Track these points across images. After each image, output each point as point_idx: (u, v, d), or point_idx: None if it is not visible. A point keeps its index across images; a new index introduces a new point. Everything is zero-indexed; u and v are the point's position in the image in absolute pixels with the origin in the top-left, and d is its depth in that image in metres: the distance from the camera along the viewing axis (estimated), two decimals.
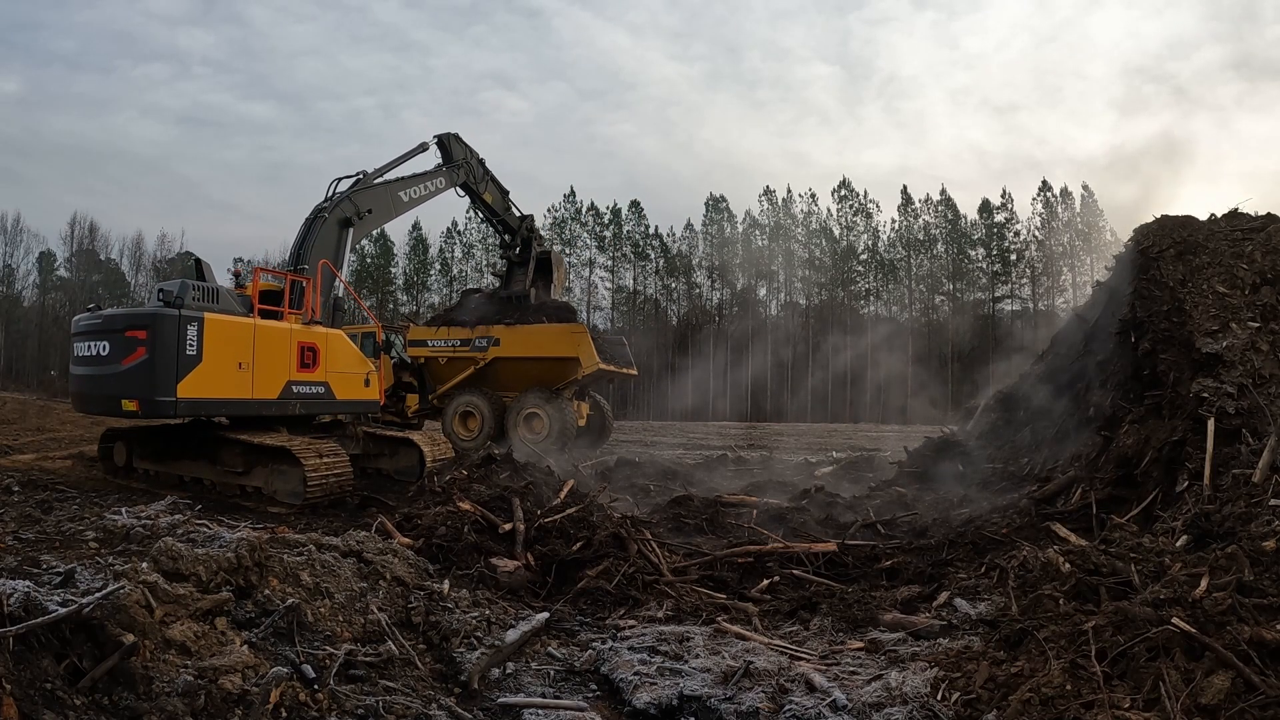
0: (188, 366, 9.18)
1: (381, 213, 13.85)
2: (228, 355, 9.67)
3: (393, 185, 14.14)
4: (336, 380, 11.24)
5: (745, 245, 72.56)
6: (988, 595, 5.73)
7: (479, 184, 16.59)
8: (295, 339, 10.64)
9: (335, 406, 11.47)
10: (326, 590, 4.65)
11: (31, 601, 3.11)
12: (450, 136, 15.97)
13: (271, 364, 10.23)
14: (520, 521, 7.23)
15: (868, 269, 72.04)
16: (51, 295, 77.25)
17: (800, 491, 10.62)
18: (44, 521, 7.91)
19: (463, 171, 16.03)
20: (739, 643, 4.91)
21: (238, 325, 9.91)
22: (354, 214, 12.90)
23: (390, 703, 3.73)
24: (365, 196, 13.25)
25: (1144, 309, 8.06)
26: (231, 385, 9.74)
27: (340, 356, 11.38)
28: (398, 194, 14.20)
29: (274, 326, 10.51)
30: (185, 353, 9.17)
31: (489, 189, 16.96)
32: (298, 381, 10.58)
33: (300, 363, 10.62)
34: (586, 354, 16.20)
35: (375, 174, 13.83)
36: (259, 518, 9.22)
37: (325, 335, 11.18)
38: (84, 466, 12.19)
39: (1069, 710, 3.37)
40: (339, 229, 12.63)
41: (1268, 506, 5.03)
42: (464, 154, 16.11)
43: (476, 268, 74.43)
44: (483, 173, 16.69)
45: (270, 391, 10.24)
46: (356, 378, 11.59)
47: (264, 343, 10.14)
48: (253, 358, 9.93)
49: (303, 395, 10.68)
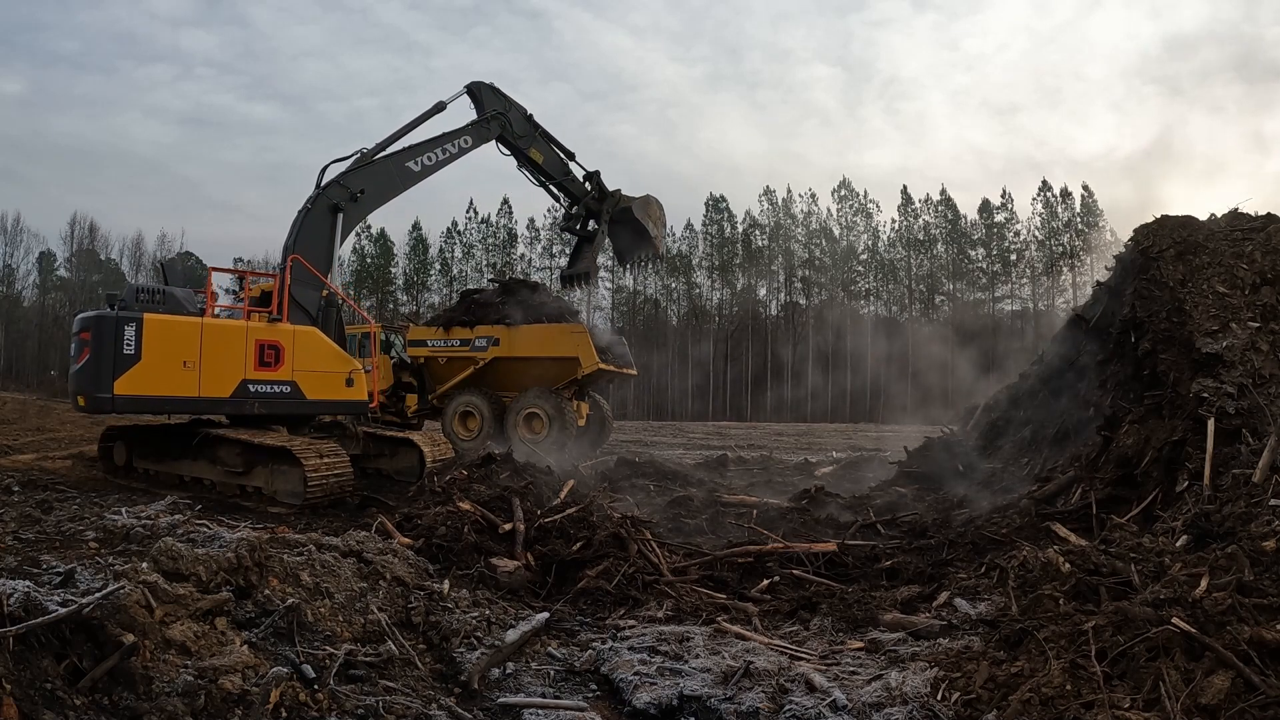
0: (125, 365, 9.56)
1: (382, 190, 12.54)
2: (169, 354, 9.85)
3: (399, 155, 12.68)
4: (306, 379, 10.77)
5: (745, 245, 72.52)
6: (988, 595, 5.72)
7: (521, 139, 14.38)
8: (253, 337, 10.41)
9: (305, 406, 10.94)
10: (326, 590, 4.65)
11: (31, 601, 3.11)
12: (483, 86, 14.01)
13: (222, 363, 10.15)
14: (520, 521, 7.23)
15: (868, 269, 72.06)
16: (51, 295, 77.31)
17: (800, 491, 10.62)
18: (44, 521, 7.90)
19: (496, 124, 13.93)
20: (739, 643, 4.90)
21: (181, 325, 10.04)
22: (345, 198, 11.81)
23: (390, 703, 3.73)
24: (358, 176, 12.07)
25: (1144, 309, 8.06)
26: (174, 383, 9.88)
27: (311, 355, 10.86)
28: (405, 165, 12.70)
29: (226, 325, 10.52)
30: (123, 352, 9.55)
31: (537, 146, 14.69)
32: (255, 380, 10.34)
33: (259, 361, 10.39)
34: (586, 354, 16.18)
35: (378, 148, 12.51)
36: (259, 518, 9.22)
37: (292, 333, 10.76)
38: (84, 466, 12.18)
39: (1069, 710, 3.37)
40: (327, 217, 11.68)
41: (1268, 506, 5.03)
42: (500, 105, 14.01)
43: (476, 268, 74.48)
44: (528, 127, 14.53)
45: (221, 390, 10.15)
46: (335, 377, 11.02)
47: (213, 341, 10.15)
48: (199, 356, 10.00)
49: (262, 394, 10.39)
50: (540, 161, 14.69)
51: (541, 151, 14.71)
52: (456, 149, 13.29)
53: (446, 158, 13.18)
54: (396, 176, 12.61)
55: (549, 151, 14.89)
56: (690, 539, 7.90)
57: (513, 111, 14.16)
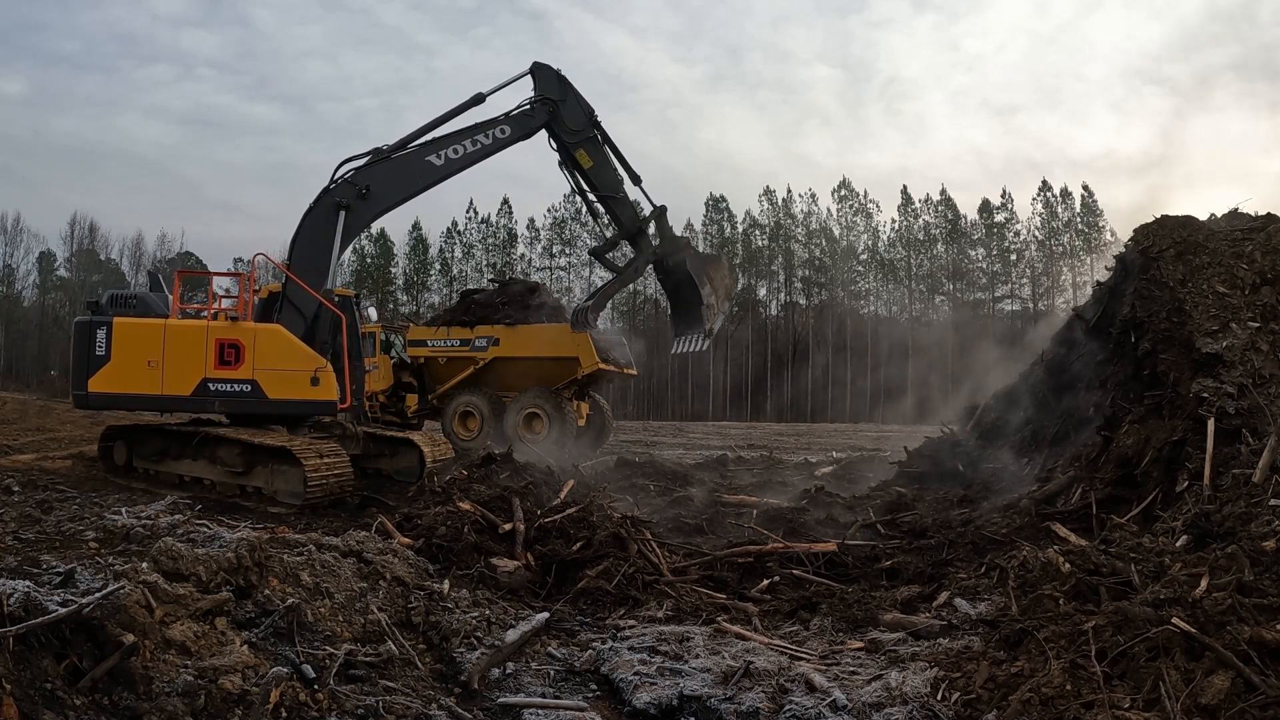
0: (97, 365, 10.40)
1: (395, 187, 11.39)
2: (135, 354, 10.40)
3: (419, 149, 11.43)
4: (267, 378, 10.51)
5: (745, 245, 72.52)
6: (988, 595, 5.72)
7: (572, 137, 12.28)
8: (213, 336, 10.46)
9: (266, 406, 10.64)
10: (326, 590, 4.65)
11: (31, 601, 3.11)
12: (546, 68, 12.16)
13: (183, 362, 10.38)
14: (520, 521, 7.23)
15: (868, 269, 72.05)
16: (51, 295, 77.29)
17: (800, 491, 10.61)
18: (44, 521, 7.91)
19: (543, 111, 12.01)
20: (739, 643, 4.90)
21: (146, 326, 10.56)
22: (351, 196, 10.97)
23: (390, 703, 3.73)
24: (369, 173, 11.15)
25: (1144, 309, 8.05)
26: (140, 382, 10.41)
27: (273, 353, 10.57)
28: (425, 159, 11.40)
29: (187, 325, 10.77)
30: (95, 353, 10.40)
31: (589, 151, 12.46)
32: (216, 379, 10.40)
33: (219, 360, 10.40)
34: (586, 354, 16.18)
35: (400, 143, 11.42)
36: (259, 518, 9.22)
37: (253, 331, 10.65)
38: (84, 466, 12.17)
39: (1069, 710, 3.37)
40: (330, 215, 11.04)
41: (1268, 506, 5.03)
42: (557, 93, 12.13)
43: (476, 268, 74.49)
44: (586, 126, 12.35)
45: (182, 388, 10.41)
46: (299, 375, 10.55)
47: (174, 341, 10.49)
48: (162, 356, 10.40)
49: (222, 393, 10.44)
50: (586, 168, 12.56)
51: (593, 158, 12.55)
52: (491, 140, 11.62)
53: (478, 150, 11.57)
54: (414, 172, 11.41)
55: (603, 162, 12.66)
56: (690, 539, 7.91)
57: (570, 103, 12.21)
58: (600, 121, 12.52)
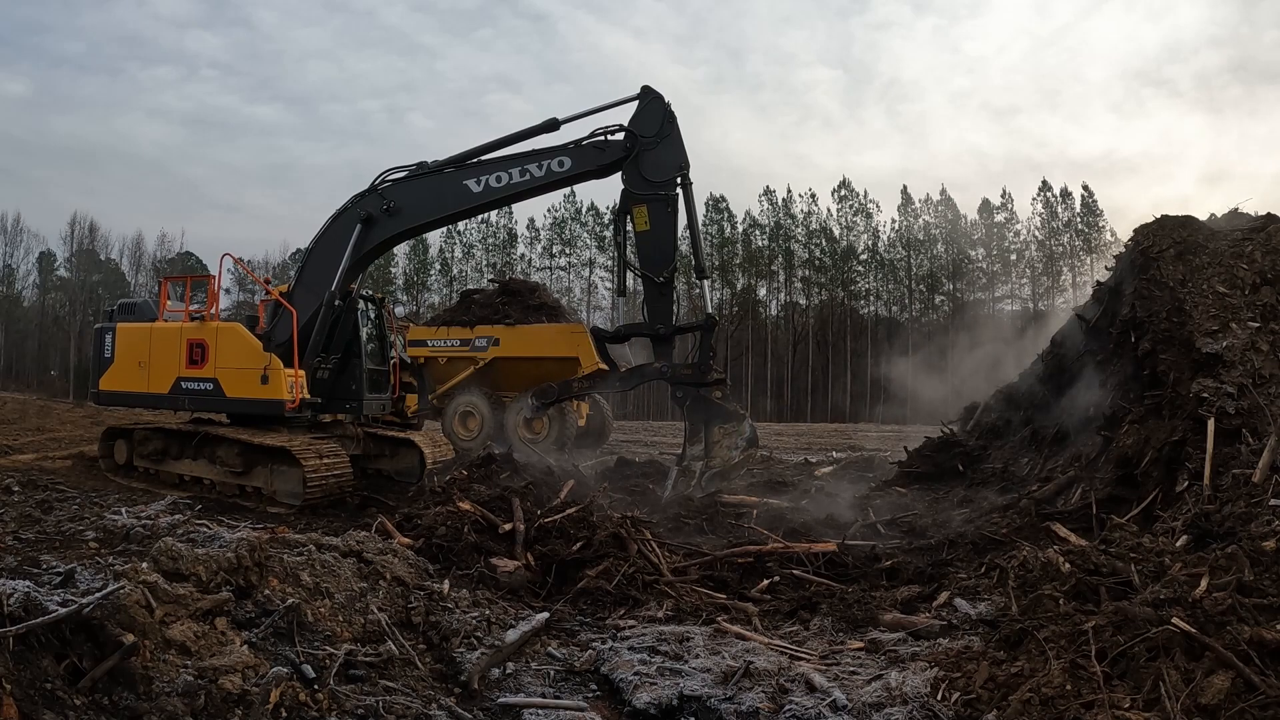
0: (104, 367, 11.52)
1: (424, 208, 10.49)
2: (131, 356, 11.34)
3: (465, 170, 10.23)
4: (226, 376, 10.60)
5: (745, 245, 72.49)
6: (988, 595, 5.73)
7: (641, 187, 9.97)
8: (184, 337, 10.91)
9: (226, 404, 10.75)
10: (326, 590, 4.65)
11: (31, 601, 3.11)
12: (656, 100, 9.98)
13: (163, 362, 11.07)
14: (520, 521, 7.23)
15: (868, 269, 72.01)
16: (51, 295, 77.27)
17: (800, 491, 10.61)
18: (44, 521, 7.91)
19: (617, 149, 9.93)
20: (739, 643, 4.90)
21: (138, 330, 11.45)
22: (377, 210, 10.32)
23: (390, 703, 3.73)
24: (400, 188, 10.37)
25: (1144, 309, 8.06)
26: (134, 381, 11.29)
27: (230, 352, 10.62)
28: (463, 183, 10.17)
29: (167, 327, 11.29)
30: (103, 355, 11.52)
31: (652, 212, 10.00)
32: (187, 378, 10.86)
33: (189, 360, 10.84)
34: (586, 354, 16.18)
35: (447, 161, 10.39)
36: (259, 518, 9.23)
37: (215, 330, 10.83)
38: (84, 466, 12.20)
39: (1069, 710, 3.37)
40: (350, 225, 10.56)
41: (1268, 506, 5.03)
42: (651, 128, 9.92)
43: (476, 268, 74.42)
44: (670, 173, 9.92)
45: (161, 387, 11.03)
46: (250, 374, 10.41)
47: (158, 343, 11.20)
48: (149, 357, 11.19)
49: (191, 392, 10.87)
50: (639, 230, 10.11)
51: (653, 221, 10.05)
52: (544, 173, 10.00)
53: (526, 181, 10.05)
54: (447, 195, 10.36)
55: (664, 230, 10.08)
56: (690, 539, 7.90)
57: (662, 148, 9.94)
58: (690, 181, 10.06)
